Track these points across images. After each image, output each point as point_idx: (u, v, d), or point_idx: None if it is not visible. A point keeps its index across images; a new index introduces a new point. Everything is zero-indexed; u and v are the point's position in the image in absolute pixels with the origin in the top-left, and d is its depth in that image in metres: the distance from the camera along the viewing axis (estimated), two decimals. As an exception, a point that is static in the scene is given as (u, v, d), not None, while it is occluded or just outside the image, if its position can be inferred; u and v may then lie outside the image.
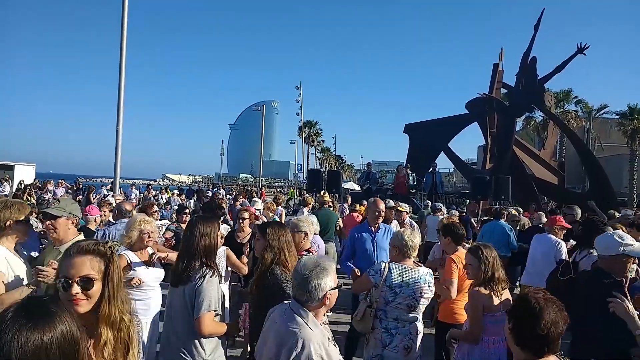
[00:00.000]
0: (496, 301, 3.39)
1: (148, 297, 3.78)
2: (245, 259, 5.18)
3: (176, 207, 10.98)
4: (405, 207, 8.77)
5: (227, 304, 4.67)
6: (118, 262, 1.80)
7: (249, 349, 4.68)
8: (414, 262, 3.84)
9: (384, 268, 3.65)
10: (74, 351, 1.24)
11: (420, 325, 3.68)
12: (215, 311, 2.89)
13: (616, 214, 9.51)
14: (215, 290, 2.89)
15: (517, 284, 7.62)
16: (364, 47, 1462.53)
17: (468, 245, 4.54)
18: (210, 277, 2.90)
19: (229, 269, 4.99)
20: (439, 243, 5.48)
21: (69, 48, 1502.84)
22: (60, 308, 1.28)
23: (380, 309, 3.61)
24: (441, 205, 10.69)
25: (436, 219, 8.38)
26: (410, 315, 3.59)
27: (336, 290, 2.25)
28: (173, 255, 3.88)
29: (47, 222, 3.37)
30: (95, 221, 5.69)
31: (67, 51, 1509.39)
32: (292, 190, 32.26)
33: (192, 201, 16.82)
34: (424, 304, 3.66)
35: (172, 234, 6.68)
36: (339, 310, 7.14)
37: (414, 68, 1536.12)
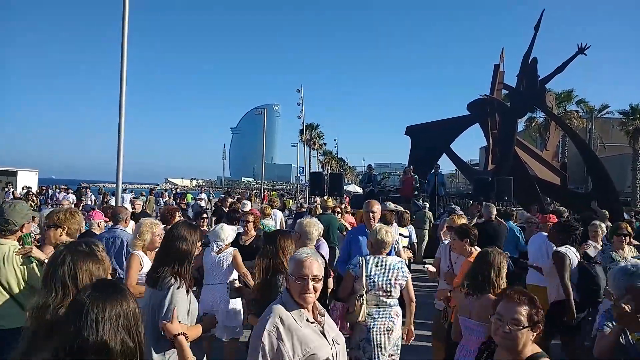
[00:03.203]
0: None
1: None
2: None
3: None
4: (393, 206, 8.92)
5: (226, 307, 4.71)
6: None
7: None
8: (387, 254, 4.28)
9: (361, 260, 4.10)
10: (138, 322, 1.56)
11: (398, 309, 4.13)
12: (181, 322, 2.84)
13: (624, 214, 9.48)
14: (182, 302, 2.86)
15: None
16: (366, 49, 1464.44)
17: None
18: (177, 288, 2.87)
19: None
20: (445, 242, 5.46)
21: (69, 50, 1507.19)
22: (126, 288, 1.63)
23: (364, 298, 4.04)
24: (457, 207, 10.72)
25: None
26: (388, 300, 4.04)
27: (295, 281, 2.31)
28: None
29: None
30: (98, 226, 5.69)
31: (69, 54, 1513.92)
32: (273, 193, 32.26)
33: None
34: (398, 288, 4.10)
35: None
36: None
37: (416, 70, 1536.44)
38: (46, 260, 3.22)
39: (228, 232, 5.12)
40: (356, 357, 3.97)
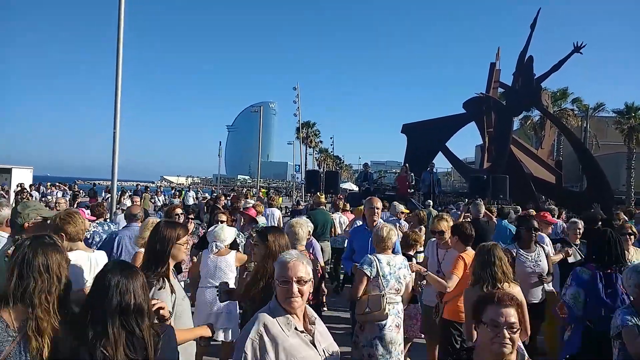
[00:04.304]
0: None
1: None
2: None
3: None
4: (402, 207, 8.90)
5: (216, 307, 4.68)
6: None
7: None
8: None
9: (374, 260, 4.09)
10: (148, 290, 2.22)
11: (401, 306, 4.23)
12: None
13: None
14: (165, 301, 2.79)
15: None
16: (363, 48, 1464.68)
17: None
18: (159, 289, 2.78)
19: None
20: (433, 240, 5.47)
21: (70, 50, 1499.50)
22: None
23: None
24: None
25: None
26: (396, 297, 4.13)
27: (278, 285, 2.23)
28: None
29: None
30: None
31: (69, 54, 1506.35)
32: (263, 191, 32.29)
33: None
34: (404, 286, 4.19)
35: None
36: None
37: (416, 70, 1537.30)
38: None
39: (228, 233, 5.01)
40: (369, 354, 3.99)
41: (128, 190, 23.84)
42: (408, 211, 8.95)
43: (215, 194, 23.86)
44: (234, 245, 5.62)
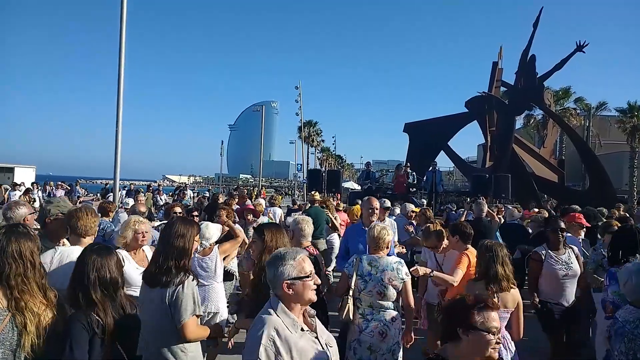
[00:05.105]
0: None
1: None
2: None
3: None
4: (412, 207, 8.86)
5: (224, 304, 4.68)
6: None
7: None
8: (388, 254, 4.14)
9: (355, 259, 4.01)
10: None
11: (395, 313, 3.90)
12: (198, 315, 2.94)
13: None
14: (195, 294, 2.92)
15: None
16: (364, 47, 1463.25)
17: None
18: (192, 280, 2.92)
19: (224, 266, 4.99)
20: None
21: (70, 49, 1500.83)
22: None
23: (357, 297, 3.91)
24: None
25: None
26: (383, 302, 3.86)
27: (304, 282, 2.18)
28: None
29: None
30: None
31: (69, 52, 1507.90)
32: (264, 189, 32.45)
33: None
34: (393, 290, 3.88)
35: None
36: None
37: (415, 67, 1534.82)
38: None
39: (213, 230, 4.82)
40: (346, 358, 3.86)
41: (139, 189, 23.82)
42: (418, 209, 8.91)
43: (214, 192, 23.91)
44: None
